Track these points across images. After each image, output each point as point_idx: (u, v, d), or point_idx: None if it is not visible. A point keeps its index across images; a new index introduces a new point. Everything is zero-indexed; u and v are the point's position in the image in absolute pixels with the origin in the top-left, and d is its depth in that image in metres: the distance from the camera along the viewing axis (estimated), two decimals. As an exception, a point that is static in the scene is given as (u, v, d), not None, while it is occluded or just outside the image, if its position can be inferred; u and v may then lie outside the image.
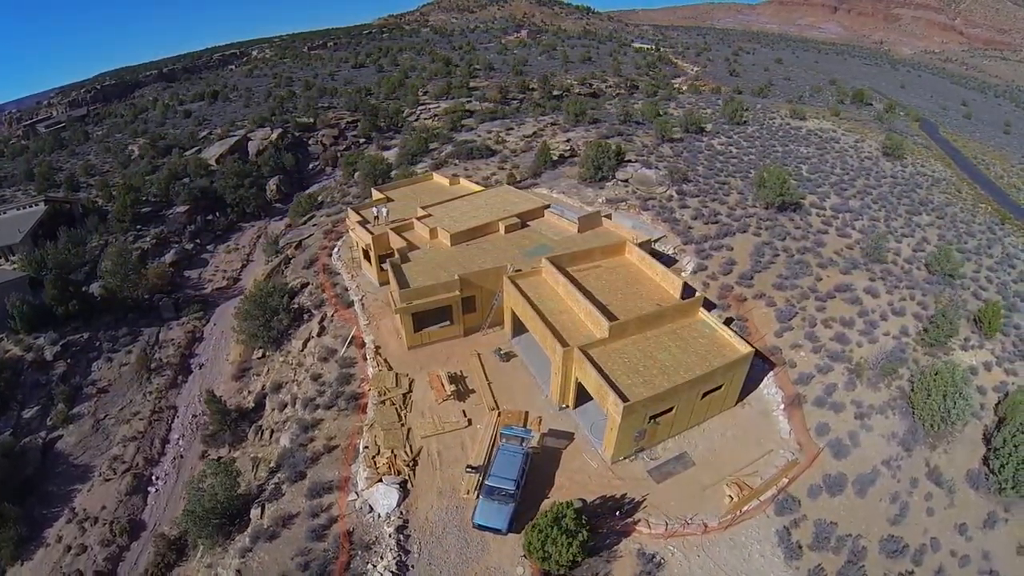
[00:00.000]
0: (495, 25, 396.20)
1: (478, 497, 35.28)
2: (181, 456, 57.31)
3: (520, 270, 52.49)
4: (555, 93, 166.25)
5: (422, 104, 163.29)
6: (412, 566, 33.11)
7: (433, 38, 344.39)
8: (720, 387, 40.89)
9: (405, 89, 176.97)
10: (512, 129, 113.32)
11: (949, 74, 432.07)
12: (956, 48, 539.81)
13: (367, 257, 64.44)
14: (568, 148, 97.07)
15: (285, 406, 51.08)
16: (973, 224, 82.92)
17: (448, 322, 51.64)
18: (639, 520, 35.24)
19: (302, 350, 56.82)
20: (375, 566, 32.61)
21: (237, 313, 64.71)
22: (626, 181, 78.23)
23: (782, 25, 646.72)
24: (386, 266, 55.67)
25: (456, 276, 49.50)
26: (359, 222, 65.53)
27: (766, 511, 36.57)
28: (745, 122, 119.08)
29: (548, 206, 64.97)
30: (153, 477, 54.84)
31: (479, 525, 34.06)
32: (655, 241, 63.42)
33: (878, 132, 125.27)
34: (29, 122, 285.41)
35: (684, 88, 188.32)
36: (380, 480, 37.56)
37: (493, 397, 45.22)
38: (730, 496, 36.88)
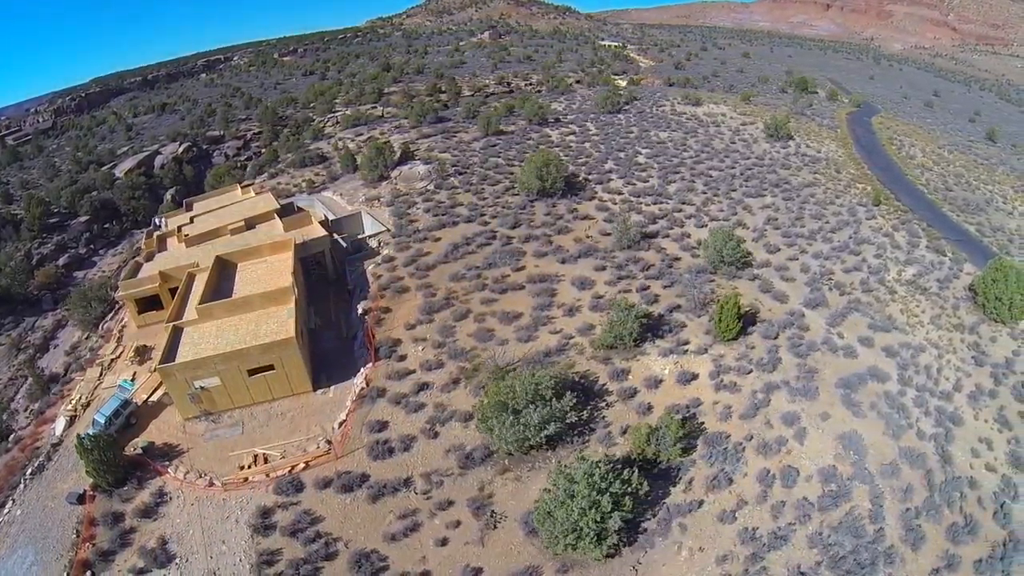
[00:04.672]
0: (467, 27, 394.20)
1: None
2: (17, 409, 71.21)
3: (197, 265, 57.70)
4: (465, 94, 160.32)
5: (333, 112, 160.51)
6: (46, 468, 42.80)
7: (399, 42, 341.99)
8: (272, 367, 43.41)
9: (325, 97, 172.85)
10: (362, 135, 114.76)
11: (937, 68, 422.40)
12: (947, 44, 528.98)
13: (152, 257, 74.22)
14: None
15: (75, 371, 60.51)
16: (830, 206, 79.12)
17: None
18: (169, 465, 40.38)
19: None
20: (33, 465, 42.95)
21: (68, 302, 77.70)
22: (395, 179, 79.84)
23: (775, 23, 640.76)
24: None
25: (157, 271, 57.40)
26: (149, 230, 76.07)
27: (267, 488, 37.94)
28: (619, 111, 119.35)
29: (278, 209, 68.83)
30: (-7, 423, 67.13)
31: None
32: (372, 236, 65.64)
33: (779, 116, 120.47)
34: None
35: (587, 79, 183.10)
36: (62, 415, 48.26)
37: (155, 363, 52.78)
38: (242, 465, 39.56)
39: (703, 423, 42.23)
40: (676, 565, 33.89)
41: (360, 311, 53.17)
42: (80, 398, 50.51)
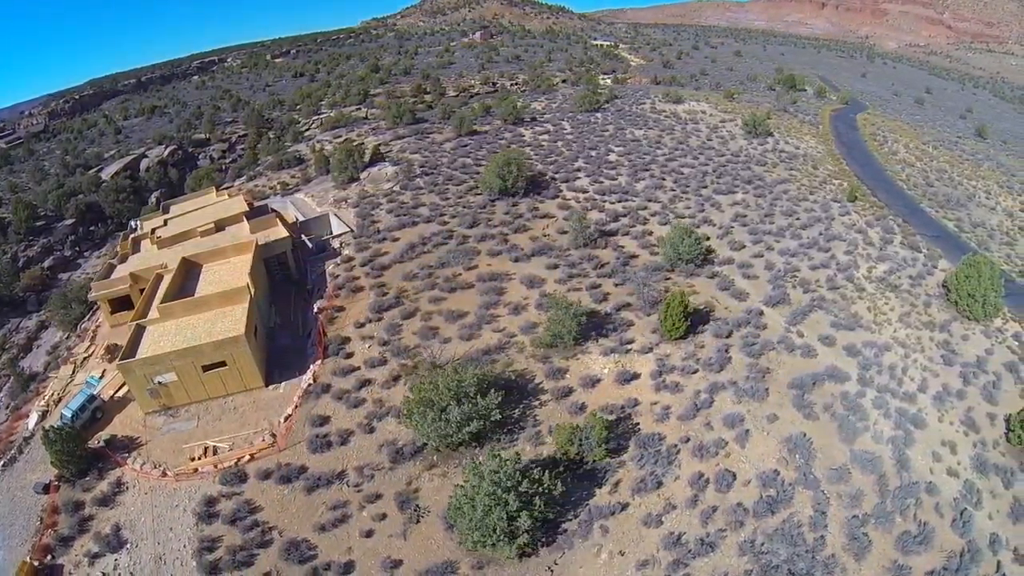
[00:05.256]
0: (459, 28, 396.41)
1: None
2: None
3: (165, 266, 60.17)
4: (450, 94, 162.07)
5: (318, 114, 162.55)
6: (18, 460, 45.63)
7: (391, 43, 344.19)
8: (224, 363, 45.49)
9: (311, 99, 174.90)
10: (340, 137, 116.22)
11: (931, 66, 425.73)
12: (942, 42, 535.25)
13: (127, 259, 77.23)
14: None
15: (52, 369, 63.04)
16: (802, 202, 77.97)
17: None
18: (128, 457, 42.83)
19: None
20: (6, 457, 45.85)
21: (50, 304, 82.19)
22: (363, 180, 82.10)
23: (770, 22, 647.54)
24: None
25: (127, 273, 60.18)
26: (125, 233, 78.45)
27: (214, 478, 39.89)
28: (597, 110, 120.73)
29: (247, 212, 70.64)
30: (-22, 415, 69.84)
31: None
32: (336, 237, 67.68)
33: (759, 112, 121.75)
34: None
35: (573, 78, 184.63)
36: (35, 410, 51.37)
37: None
38: (192, 457, 41.93)
39: (638, 424, 41.94)
40: (594, 568, 33.62)
41: (315, 310, 55.13)
42: (53, 394, 53.49)
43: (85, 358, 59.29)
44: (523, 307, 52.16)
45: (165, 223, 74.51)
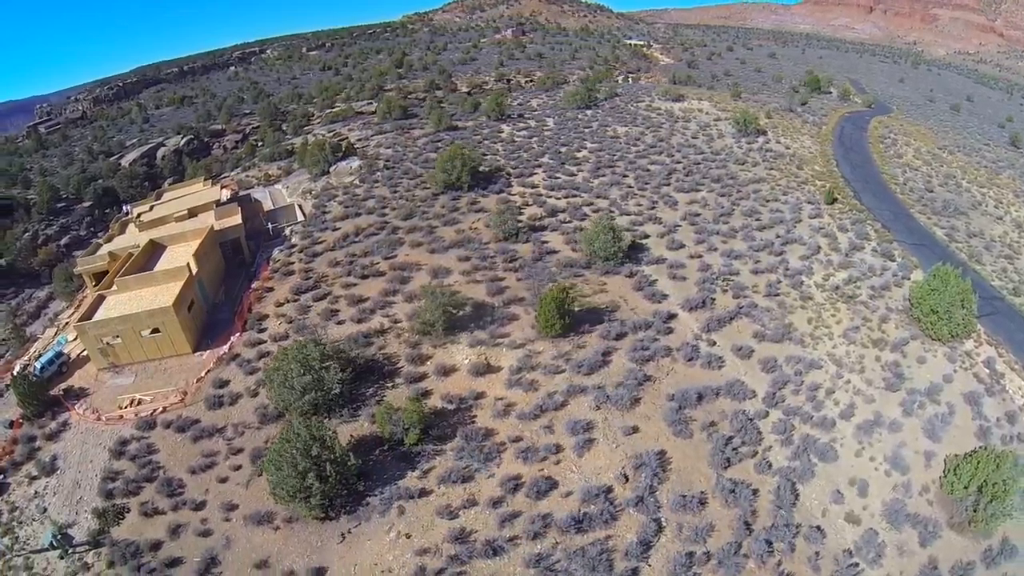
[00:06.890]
0: (493, 24, 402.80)
1: None
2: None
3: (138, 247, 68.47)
4: (464, 90, 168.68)
5: (332, 108, 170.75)
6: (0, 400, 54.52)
7: (423, 38, 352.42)
8: (158, 331, 53.55)
9: (327, 93, 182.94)
10: (334, 131, 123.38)
11: (979, 74, 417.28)
12: (993, 49, 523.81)
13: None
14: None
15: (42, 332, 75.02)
16: (771, 203, 76.30)
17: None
18: (77, 403, 51.09)
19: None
20: None
21: (55, 277, 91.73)
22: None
23: (816, 25, 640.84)
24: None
25: (107, 252, 69.61)
26: (117, 216, 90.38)
27: (133, 424, 47.33)
28: (590, 107, 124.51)
29: (217, 201, 79.15)
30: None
31: None
32: (289, 225, 75.42)
33: (751, 111, 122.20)
34: (33, 124, 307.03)
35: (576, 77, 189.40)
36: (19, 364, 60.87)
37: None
38: (120, 406, 50.34)
39: (475, 416, 42.77)
40: (380, 543, 35.45)
41: (249, 289, 62.61)
42: (35, 352, 64.78)
43: (66, 323, 69.79)
44: (418, 296, 53.77)
45: (151, 208, 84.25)
